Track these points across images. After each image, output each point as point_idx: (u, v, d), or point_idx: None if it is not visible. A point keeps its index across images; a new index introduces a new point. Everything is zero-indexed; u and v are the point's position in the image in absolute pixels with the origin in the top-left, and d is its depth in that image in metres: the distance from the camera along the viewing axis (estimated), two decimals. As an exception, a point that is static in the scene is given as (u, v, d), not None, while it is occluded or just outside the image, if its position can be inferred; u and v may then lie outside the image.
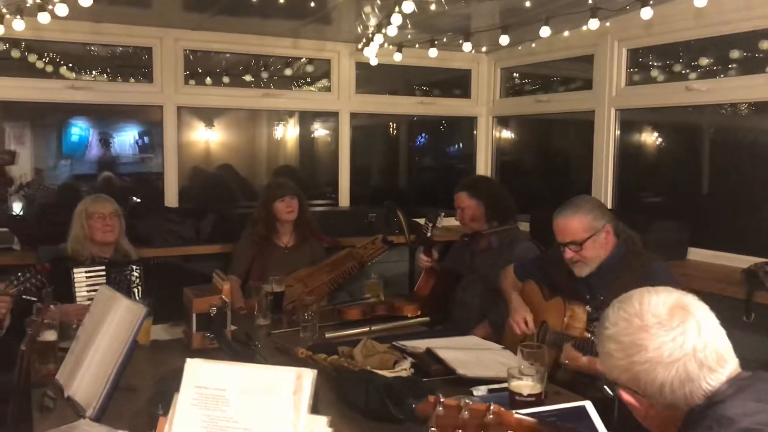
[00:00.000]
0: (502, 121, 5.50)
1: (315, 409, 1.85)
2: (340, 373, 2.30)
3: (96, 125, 6.91)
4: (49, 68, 4.53)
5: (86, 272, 3.28)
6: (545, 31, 3.72)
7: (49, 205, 4.72)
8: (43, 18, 3.30)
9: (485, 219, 3.68)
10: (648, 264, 2.64)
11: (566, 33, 4.04)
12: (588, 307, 2.41)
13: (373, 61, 4.56)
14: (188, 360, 1.42)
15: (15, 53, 4.34)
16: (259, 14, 4.14)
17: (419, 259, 3.83)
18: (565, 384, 2.43)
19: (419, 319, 3.24)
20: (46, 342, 2.45)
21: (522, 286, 3.03)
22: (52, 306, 2.46)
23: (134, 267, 3.39)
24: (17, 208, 5.19)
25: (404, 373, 2.35)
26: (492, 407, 1.22)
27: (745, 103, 3.81)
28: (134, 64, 4.79)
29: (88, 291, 3.25)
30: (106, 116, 6.84)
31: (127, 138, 6.95)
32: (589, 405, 1.84)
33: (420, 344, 2.63)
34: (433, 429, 1.24)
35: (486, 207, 3.67)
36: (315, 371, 1.35)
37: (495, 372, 2.34)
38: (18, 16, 3.43)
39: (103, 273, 3.31)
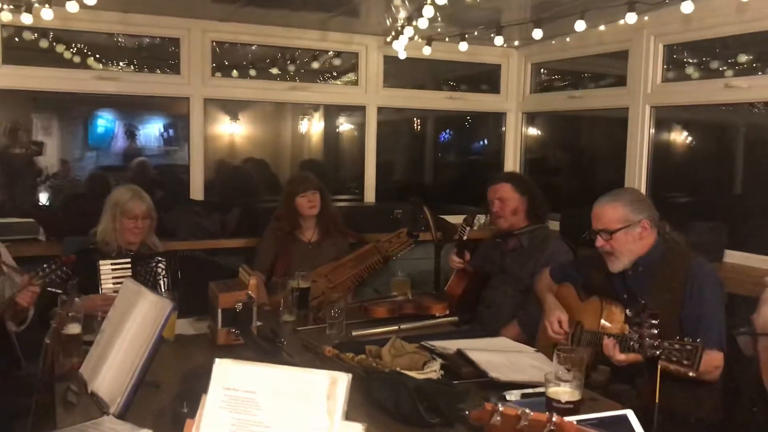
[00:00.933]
0: (529, 118, 5.40)
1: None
2: (368, 373, 2.24)
3: (122, 117, 6.93)
4: (77, 59, 4.51)
5: (112, 264, 3.25)
6: (580, 25, 3.63)
7: (75, 195, 4.73)
8: (72, 7, 3.28)
9: (525, 215, 3.58)
10: (690, 264, 2.54)
11: (602, 27, 3.93)
12: (627, 311, 2.32)
13: (402, 55, 4.50)
14: (217, 360, 1.36)
15: (43, 43, 4.33)
16: (287, 6, 4.10)
17: (451, 260, 3.74)
18: (599, 388, 2.35)
19: (447, 318, 3.17)
20: (71, 335, 2.42)
21: (558, 288, 2.94)
22: (76, 299, 2.43)
23: (159, 259, 3.36)
24: (44, 198, 5.21)
25: (434, 375, 2.29)
26: (554, 418, 1.14)
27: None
28: (161, 56, 4.77)
29: (114, 283, 3.22)
30: (131, 108, 6.85)
31: (152, 130, 6.96)
32: (630, 414, 1.76)
33: (449, 345, 2.56)
34: None
35: (529, 202, 3.58)
36: (350, 375, 1.29)
37: (528, 376, 2.27)
38: (47, 5, 3.41)
39: (129, 265, 3.28)
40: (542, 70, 5.29)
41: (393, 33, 4.39)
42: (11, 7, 3.51)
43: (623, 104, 4.31)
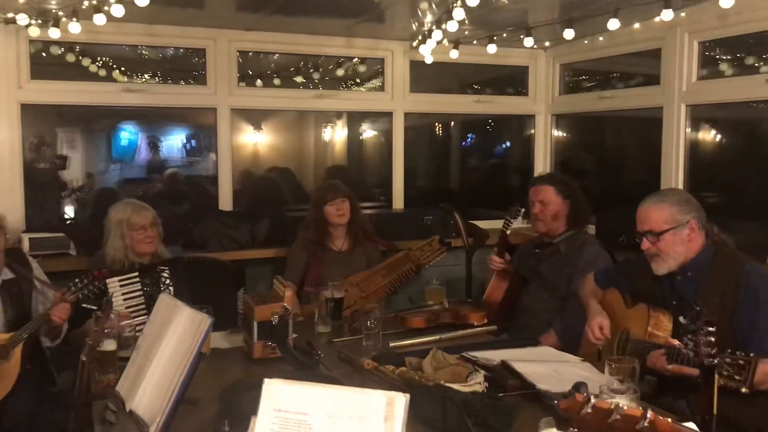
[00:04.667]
0: (558, 120, 5.30)
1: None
2: (411, 387, 2.17)
3: (145, 129, 6.96)
4: (103, 72, 4.51)
5: (119, 281, 3.23)
6: (614, 24, 3.55)
7: (100, 209, 4.72)
8: (99, 19, 3.27)
9: (565, 221, 3.48)
10: (742, 267, 2.44)
11: (636, 25, 3.84)
12: (681, 318, 2.24)
13: (429, 59, 4.46)
14: (266, 381, 1.30)
15: (70, 57, 4.33)
16: (312, 13, 4.06)
17: (490, 261, 3.65)
18: (646, 399, 2.26)
19: (486, 327, 3.09)
20: (106, 351, 2.38)
21: (603, 294, 2.85)
22: (111, 315, 2.39)
23: (162, 268, 3.36)
24: (70, 212, 5.22)
25: (478, 388, 2.21)
26: (649, 414, 1.07)
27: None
28: (185, 68, 4.76)
29: (124, 299, 3.20)
30: (154, 120, 6.87)
31: (175, 141, 6.99)
32: (693, 427, 1.67)
33: (491, 355, 2.49)
34: (573, 430, 1.10)
35: (571, 208, 3.48)
36: (407, 396, 1.22)
37: (577, 387, 2.18)
38: (74, 19, 3.40)
39: (137, 279, 3.27)
40: (570, 71, 5.21)
41: (419, 37, 4.35)
42: (39, 21, 3.52)
43: (657, 103, 4.20)
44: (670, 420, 1.12)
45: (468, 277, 4.55)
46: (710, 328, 1.90)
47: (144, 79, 4.75)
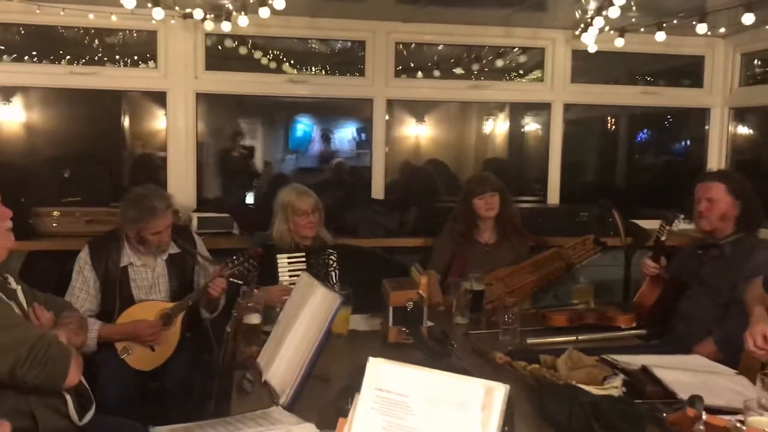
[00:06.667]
0: (738, 115, 4.85)
1: (510, 422, 1.69)
2: (541, 384, 2.10)
3: (319, 122, 7.35)
4: (273, 65, 4.77)
5: (288, 258, 3.41)
6: (802, 6, 3.18)
7: (265, 194, 5.03)
8: (264, 12, 3.45)
9: (734, 222, 3.19)
10: None
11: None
12: None
13: (592, 48, 4.26)
14: (370, 359, 1.31)
15: (242, 50, 4.62)
16: (470, 3, 4.02)
17: (644, 265, 3.43)
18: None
19: (634, 331, 2.91)
20: (251, 325, 2.53)
21: (772, 301, 2.56)
22: (255, 290, 2.53)
23: (330, 251, 3.49)
24: (250, 198, 5.64)
25: (614, 392, 2.09)
26: None
27: None
28: (351, 61, 4.91)
29: (290, 276, 3.37)
30: (327, 113, 7.24)
31: (345, 134, 7.30)
32: None
33: (634, 360, 2.33)
34: None
35: (742, 209, 3.17)
36: (507, 386, 1.18)
37: (725, 401, 1.99)
38: (242, 13, 3.63)
39: (304, 259, 3.42)
40: (756, 60, 4.74)
41: (582, 26, 4.16)
42: (212, 15, 3.79)
43: None
44: None
45: (626, 279, 4.32)
46: None
47: (312, 72, 4.98)
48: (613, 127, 6.09)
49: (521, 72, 5.23)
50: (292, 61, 4.87)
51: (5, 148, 5.10)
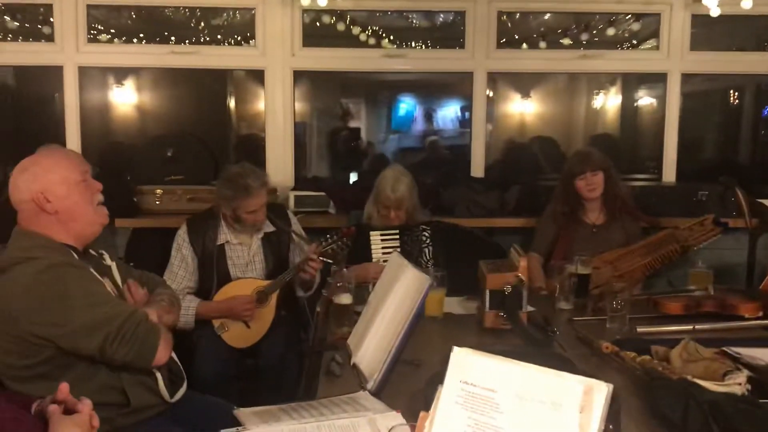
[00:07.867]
0: None
1: (615, 420, 1.53)
2: (652, 378, 1.91)
3: (421, 101, 7.26)
4: (372, 41, 4.68)
5: (381, 235, 3.35)
6: None
7: (362, 172, 4.99)
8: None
9: None
10: None
11: None
12: None
13: (715, 12, 3.89)
14: (455, 349, 1.19)
15: (340, 26, 4.55)
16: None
17: None
18: None
19: (761, 321, 2.63)
20: (342, 305, 2.46)
21: None
22: (344, 269, 2.46)
23: (424, 228, 3.38)
24: (354, 177, 5.64)
25: (737, 389, 1.87)
26: None
27: None
28: (451, 35, 4.74)
29: (383, 253, 3.31)
30: (430, 92, 7.13)
31: (448, 113, 7.17)
32: None
33: (761, 354, 2.10)
34: None
35: None
36: (611, 386, 1.03)
37: None
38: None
39: (397, 236, 3.35)
40: None
41: (704, -14, 3.81)
42: (308, -10, 3.74)
43: None
44: None
45: (750, 264, 3.97)
46: None
47: (412, 47, 4.86)
48: (736, 100, 5.63)
49: (634, 42, 4.89)
50: (391, 37, 4.76)
51: (117, 128, 5.31)
